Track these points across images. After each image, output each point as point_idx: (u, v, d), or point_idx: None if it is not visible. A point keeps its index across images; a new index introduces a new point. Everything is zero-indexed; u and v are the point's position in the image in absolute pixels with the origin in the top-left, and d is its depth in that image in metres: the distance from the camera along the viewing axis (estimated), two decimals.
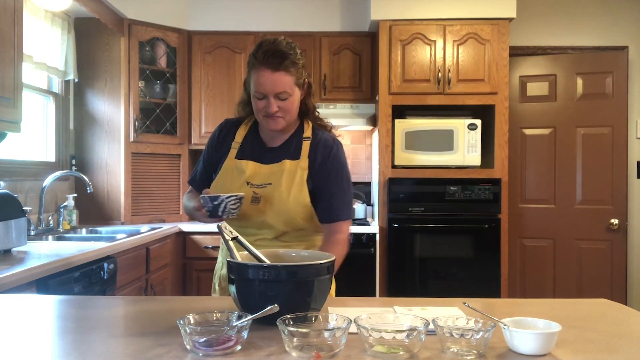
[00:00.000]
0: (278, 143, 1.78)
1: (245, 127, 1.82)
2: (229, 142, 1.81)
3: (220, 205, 1.57)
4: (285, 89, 1.65)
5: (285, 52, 1.65)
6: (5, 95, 2.31)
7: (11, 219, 2.28)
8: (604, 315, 1.32)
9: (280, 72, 1.64)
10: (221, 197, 1.57)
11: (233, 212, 1.59)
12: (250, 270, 1.15)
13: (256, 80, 1.65)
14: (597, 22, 4.25)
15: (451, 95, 3.83)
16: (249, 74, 1.70)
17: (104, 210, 3.84)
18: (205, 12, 4.16)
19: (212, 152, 1.84)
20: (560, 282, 4.17)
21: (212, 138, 1.87)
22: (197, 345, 0.96)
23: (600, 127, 4.10)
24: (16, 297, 1.55)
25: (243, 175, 1.72)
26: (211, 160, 1.84)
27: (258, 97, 1.67)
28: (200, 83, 4.13)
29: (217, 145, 1.84)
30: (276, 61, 1.63)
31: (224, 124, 1.88)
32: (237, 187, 1.71)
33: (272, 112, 1.66)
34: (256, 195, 1.70)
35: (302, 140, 1.77)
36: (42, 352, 1.02)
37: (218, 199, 1.56)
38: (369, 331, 0.96)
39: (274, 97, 1.65)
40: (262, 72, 1.64)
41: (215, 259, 3.72)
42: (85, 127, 3.87)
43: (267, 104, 1.66)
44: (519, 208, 4.23)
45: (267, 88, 1.64)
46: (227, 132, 1.84)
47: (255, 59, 1.66)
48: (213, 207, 1.57)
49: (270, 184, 1.70)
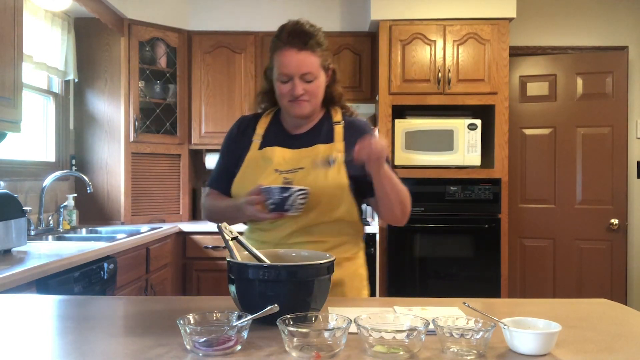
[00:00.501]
0: (304, 130, 1.71)
1: (266, 119, 1.75)
2: (249, 136, 1.73)
3: (290, 197, 1.45)
4: (310, 70, 1.59)
5: (310, 32, 1.60)
6: (5, 95, 2.31)
7: (11, 219, 2.28)
8: (604, 315, 1.32)
9: (305, 51, 1.58)
10: (292, 188, 1.46)
11: (300, 208, 1.48)
12: (250, 270, 1.15)
13: (280, 62, 1.59)
14: (597, 22, 4.25)
15: (451, 95, 3.83)
16: (271, 59, 1.65)
17: (104, 210, 3.84)
18: (205, 12, 4.16)
19: (233, 146, 1.75)
20: (560, 282, 4.17)
21: (231, 133, 1.78)
22: (197, 345, 0.96)
23: (600, 127, 4.10)
24: (16, 297, 1.55)
25: (270, 163, 1.64)
26: (233, 154, 1.73)
27: (282, 80, 1.61)
28: (200, 83, 4.13)
29: (237, 138, 1.75)
30: (301, 40, 1.58)
31: (241, 119, 1.81)
32: (265, 177, 1.61)
33: (297, 94, 1.59)
34: (287, 180, 1.60)
35: (333, 125, 1.70)
36: (42, 352, 1.02)
37: (288, 190, 1.45)
38: (369, 331, 0.96)
39: (299, 79, 1.59)
40: (287, 52, 1.58)
41: (216, 258, 3.75)
42: (85, 127, 3.87)
43: (292, 87, 1.59)
44: (519, 208, 4.23)
45: (292, 68, 1.58)
46: (246, 127, 1.76)
47: (279, 40, 1.61)
48: (281, 199, 1.45)
49: (302, 168, 1.61)
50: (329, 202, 1.60)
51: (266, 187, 1.48)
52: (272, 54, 1.64)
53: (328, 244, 1.62)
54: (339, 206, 1.62)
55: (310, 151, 1.64)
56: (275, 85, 1.64)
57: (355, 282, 1.69)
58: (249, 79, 4.12)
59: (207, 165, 4.28)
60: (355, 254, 1.72)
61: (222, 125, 4.14)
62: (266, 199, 1.47)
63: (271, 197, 1.46)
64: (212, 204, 1.76)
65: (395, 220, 1.65)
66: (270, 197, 1.46)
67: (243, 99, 4.13)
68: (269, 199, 1.46)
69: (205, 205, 1.79)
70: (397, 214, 1.63)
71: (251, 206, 1.52)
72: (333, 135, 1.67)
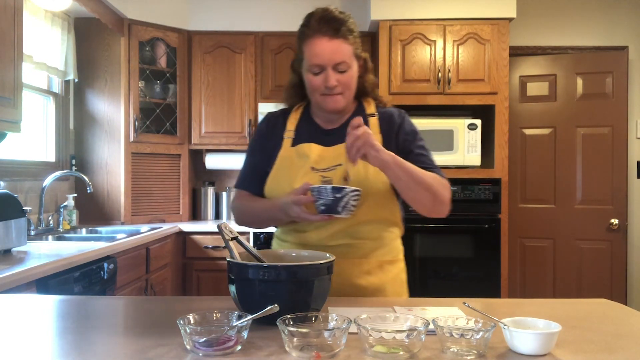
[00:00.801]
0: (337, 124, 1.61)
1: (296, 114, 1.65)
2: (279, 133, 1.62)
3: (343, 198, 1.34)
4: (344, 59, 1.49)
5: (341, 19, 1.50)
6: (5, 95, 2.31)
7: (11, 219, 2.28)
8: (604, 315, 1.32)
9: (338, 39, 1.48)
10: (346, 189, 1.33)
11: (352, 210, 1.37)
12: (250, 270, 1.15)
13: (311, 52, 1.49)
14: (597, 22, 4.25)
15: (451, 95, 3.83)
16: (300, 50, 1.54)
17: (104, 210, 3.84)
18: (205, 12, 4.16)
19: (263, 144, 1.64)
20: (560, 282, 4.17)
21: (260, 131, 1.67)
22: (197, 345, 0.96)
23: (600, 127, 4.10)
24: (16, 297, 1.55)
25: (307, 161, 1.54)
26: (263, 152, 1.63)
27: (314, 72, 1.50)
28: (200, 83, 4.13)
29: (267, 135, 1.64)
30: (332, 28, 1.48)
31: (268, 116, 1.69)
32: (302, 175, 1.52)
33: (331, 85, 1.49)
34: (325, 179, 1.51)
35: (368, 117, 1.60)
36: (42, 352, 1.02)
37: (342, 191, 1.33)
38: (369, 331, 0.95)
39: (332, 70, 1.49)
40: (318, 41, 1.48)
41: (216, 258, 3.75)
42: (85, 127, 3.87)
43: (324, 78, 1.49)
44: (519, 208, 4.23)
45: (325, 58, 1.47)
46: (275, 123, 1.65)
47: (308, 29, 1.50)
48: (334, 200, 1.34)
49: (340, 164, 1.51)
50: (373, 202, 1.52)
51: (317, 187, 1.37)
52: (300, 44, 1.54)
53: (370, 246, 1.56)
54: (383, 205, 1.55)
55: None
56: (306, 78, 1.54)
57: (396, 287, 1.61)
58: (249, 79, 4.12)
59: (207, 165, 4.28)
60: (396, 257, 1.64)
61: (222, 125, 4.14)
62: (315, 199, 1.37)
63: (322, 198, 1.35)
64: (245, 205, 1.64)
65: (428, 210, 1.50)
66: (321, 198, 1.35)
67: (243, 99, 4.13)
68: (319, 199, 1.36)
69: (237, 208, 1.67)
70: (427, 203, 1.48)
71: (297, 207, 1.41)
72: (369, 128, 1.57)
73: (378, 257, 1.58)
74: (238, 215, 1.67)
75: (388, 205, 1.56)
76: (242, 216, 1.65)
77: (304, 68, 1.54)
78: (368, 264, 1.56)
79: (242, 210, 1.65)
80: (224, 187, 4.45)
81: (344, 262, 1.51)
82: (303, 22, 1.53)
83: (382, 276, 1.56)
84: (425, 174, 1.47)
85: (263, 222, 1.62)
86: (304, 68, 1.54)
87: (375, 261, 1.57)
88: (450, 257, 3.81)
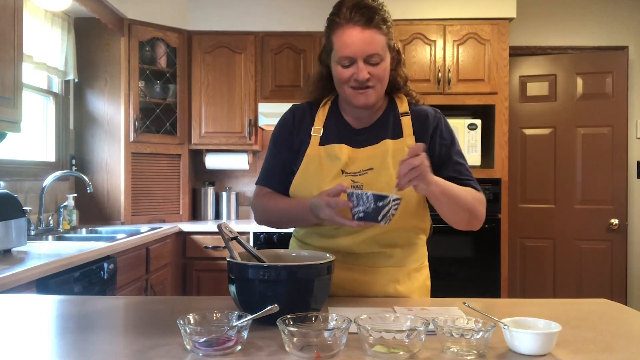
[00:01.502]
0: (368, 123, 1.51)
1: (324, 109, 1.54)
2: (306, 129, 1.52)
3: (385, 207, 1.24)
4: (377, 51, 1.39)
5: (374, 7, 1.40)
6: (5, 95, 2.31)
7: (11, 219, 2.28)
8: (604, 315, 1.32)
9: (371, 29, 1.38)
10: (389, 197, 1.24)
11: (391, 219, 1.27)
12: (250, 270, 1.15)
13: (342, 42, 1.39)
14: (597, 22, 4.25)
15: (451, 95, 3.83)
16: (329, 40, 1.45)
17: (104, 210, 3.84)
18: (205, 12, 4.16)
19: (289, 139, 1.53)
20: (560, 282, 4.17)
21: (285, 124, 1.56)
22: (197, 345, 0.96)
23: (600, 127, 4.10)
24: (16, 297, 1.55)
25: (338, 163, 1.45)
26: (289, 148, 1.53)
27: (344, 64, 1.41)
28: (200, 83, 4.13)
29: (295, 129, 1.53)
30: (365, 16, 1.38)
31: (294, 109, 1.58)
32: (332, 178, 1.44)
33: (362, 78, 1.39)
34: (356, 184, 1.43)
35: (400, 116, 1.51)
36: (42, 352, 1.02)
37: (385, 199, 1.23)
38: (369, 331, 0.95)
39: (364, 62, 1.39)
40: (350, 31, 1.38)
41: (216, 258, 3.75)
42: (85, 127, 3.87)
43: (355, 71, 1.39)
44: (519, 208, 4.23)
45: (356, 49, 1.38)
46: (301, 117, 1.55)
47: (338, 18, 1.40)
48: (375, 208, 1.24)
49: (372, 168, 1.44)
50: (407, 210, 1.44)
51: (356, 192, 1.26)
52: (329, 34, 1.44)
53: (400, 254, 1.52)
54: (415, 214, 1.50)
55: (378, 148, 1.46)
56: (335, 70, 1.44)
57: (422, 295, 1.57)
58: (249, 79, 4.12)
59: (207, 165, 4.28)
60: (423, 264, 1.60)
61: (222, 125, 4.14)
62: (353, 205, 1.27)
63: (361, 205, 1.25)
64: (268, 203, 1.53)
65: (463, 226, 1.48)
66: (360, 205, 1.25)
67: (243, 99, 4.13)
68: (357, 206, 1.26)
69: (258, 206, 1.56)
70: (463, 221, 1.46)
71: (330, 209, 1.30)
72: (401, 129, 1.49)
73: (407, 264, 1.54)
74: (260, 213, 1.57)
75: (420, 212, 1.52)
76: (264, 214, 1.55)
77: (333, 59, 1.44)
78: (398, 273, 1.52)
79: (264, 208, 1.55)
80: (224, 187, 4.45)
81: (374, 270, 1.49)
82: (333, 10, 1.44)
83: (409, 285, 1.53)
84: (465, 195, 1.42)
85: (287, 222, 1.53)
86: (333, 59, 1.44)
87: (405, 269, 1.53)
88: (450, 257, 3.81)
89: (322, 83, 1.55)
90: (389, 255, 1.51)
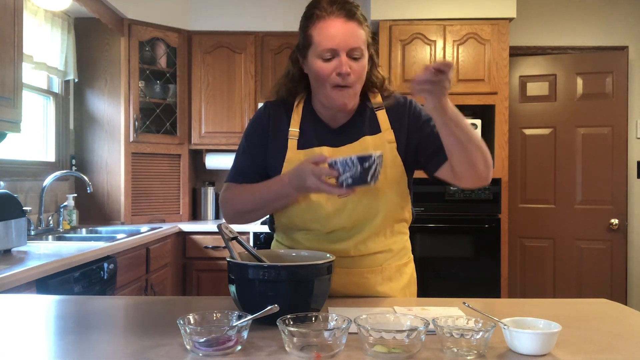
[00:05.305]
0: (344, 120, 1.48)
1: (298, 110, 1.50)
2: (282, 131, 1.48)
3: (372, 166, 1.21)
4: (359, 44, 1.37)
5: (353, 2, 1.40)
6: (5, 95, 2.31)
7: (11, 219, 2.28)
8: (604, 315, 1.32)
9: (353, 22, 1.37)
10: (372, 156, 1.21)
11: (378, 176, 1.24)
12: (250, 270, 1.15)
13: (325, 34, 1.36)
14: (597, 22, 4.25)
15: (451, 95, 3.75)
16: (306, 35, 1.40)
17: (104, 210, 3.84)
18: (205, 12, 4.16)
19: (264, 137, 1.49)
20: (560, 282, 4.17)
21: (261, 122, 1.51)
22: (197, 345, 0.96)
23: (600, 127, 4.10)
24: (16, 297, 1.55)
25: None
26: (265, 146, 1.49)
27: (326, 58, 1.37)
28: (200, 83, 4.13)
29: (270, 130, 1.49)
30: (347, 10, 1.37)
31: (267, 107, 1.53)
32: None
33: (345, 71, 1.35)
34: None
35: (375, 111, 1.48)
36: (42, 352, 1.02)
37: (370, 158, 1.21)
38: (369, 331, 0.96)
39: (346, 56, 1.36)
40: (333, 22, 1.35)
41: (216, 258, 3.75)
42: (85, 127, 3.87)
43: (337, 64, 1.36)
44: (519, 208, 4.23)
45: (340, 40, 1.35)
46: (277, 117, 1.50)
47: (319, 10, 1.38)
48: (362, 171, 1.21)
49: None
50: (396, 203, 1.46)
51: (340, 160, 1.22)
52: (307, 28, 1.40)
53: (395, 250, 1.52)
54: (404, 206, 1.50)
55: (357, 145, 1.44)
56: (314, 66, 1.39)
57: (411, 288, 1.59)
58: (249, 79, 4.12)
59: (207, 165, 4.28)
60: (410, 257, 1.60)
61: (222, 125, 4.14)
62: (340, 173, 1.23)
63: (348, 171, 1.21)
64: (240, 190, 1.47)
65: (480, 176, 1.40)
66: (347, 171, 1.22)
67: (243, 99, 4.13)
68: (344, 172, 1.22)
69: (228, 198, 1.49)
70: (480, 167, 1.38)
71: (316, 177, 1.25)
72: (378, 124, 1.47)
73: (397, 260, 1.54)
74: (231, 204, 1.49)
75: (407, 204, 1.51)
76: (235, 204, 1.47)
77: (312, 55, 1.39)
78: (388, 270, 1.52)
79: (234, 196, 1.47)
80: None
81: (366, 272, 1.49)
82: (309, 5, 1.42)
83: (400, 280, 1.54)
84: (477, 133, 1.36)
85: (262, 207, 1.44)
86: (312, 55, 1.39)
87: (395, 266, 1.53)
88: (450, 257, 3.81)
89: (293, 85, 1.51)
90: (386, 254, 1.51)
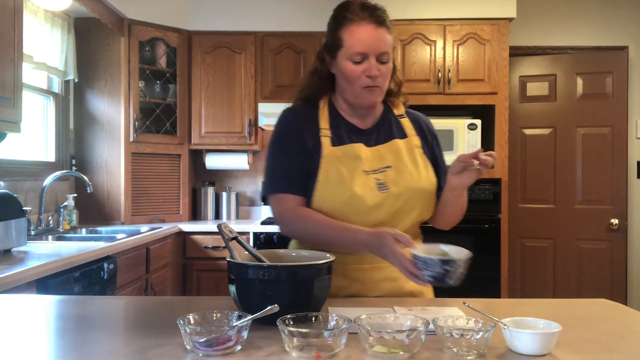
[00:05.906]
0: (371, 124, 1.53)
1: (324, 110, 1.52)
2: (312, 130, 1.49)
3: (457, 271, 1.19)
4: (387, 50, 1.42)
5: (383, 9, 1.44)
6: (5, 95, 2.31)
7: (11, 219, 2.28)
8: (604, 315, 1.32)
9: (383, 28, 1.42)
10: (456, 262, 1.19)
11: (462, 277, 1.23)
12: (250, 270, 1.15)
13: (356, 38, 1.40)
14: (597, 22, 4.25)
15: (451, 95, 3.83)
16: (335, 37, 1.44)
17: (104, 210, 3.84)
18: (205, 12, 4.16)
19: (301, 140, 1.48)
20: (560, 282, 4.17)
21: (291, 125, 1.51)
22: (197, 345, 0.96)
23: (600, 127, 4.11)
24: (16, 297, 1.55)
25: (359, 162, 1.45)
26: (303, 149, 1.47)
27: (356, 61, 1.42)
28: (200, 83, 4.13)
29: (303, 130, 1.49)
30: (377, 16, 1.41)
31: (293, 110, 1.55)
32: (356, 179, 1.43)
33: (375, 74, 1.41)
34: (380, 180, 1.44)
35: (399, 118, 1.57)
36: (42, 352, 1.02)
37: (451, 264, 1.18)
38: (369, 331, 0.95)
39: (375, 59, 1.42)
40: (364, 27, 1.40)
41: (216, 258, 3.75)
42: (85, 127, 3.87)
43: (367, 67, 1.41)
44: (519, 208, 4.23)
45: (370, 45, 1.40)
46: (306, 118, 1.51)
47: (350, 14, 1.42)
48: (444, 272, 1.18)
49: (390, 167, 1.46)
50: (426, 206, 1.49)
51: (422, 257, 1.20)
52: (337, 31, 1.44)
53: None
54: (432, 210, 1.53)
55: (391, 147, 1.49)
56: (344, 67, 1.44)
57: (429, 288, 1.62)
58: (249, 79, 4.12)
59: (207, 165, 4.28)
60: None
61: (222, 125, 4.14)
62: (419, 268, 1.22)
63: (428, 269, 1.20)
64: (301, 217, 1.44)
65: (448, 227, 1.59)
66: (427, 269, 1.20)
67: (243, 99, 4.13)
68: (425, 269, 1.21)
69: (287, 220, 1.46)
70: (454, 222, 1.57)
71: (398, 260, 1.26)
72: (404, 130, 1.54)
73: None
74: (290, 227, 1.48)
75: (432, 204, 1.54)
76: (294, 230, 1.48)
77: (342, 56, 1.44)
78: None
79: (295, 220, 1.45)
80: (224, 187, 4.45)
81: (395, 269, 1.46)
82: (339, 7, 1.46)
83: None
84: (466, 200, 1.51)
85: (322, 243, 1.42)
86: (342, 56, 1.44)
87: None
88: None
89: (322, 81, 1.55)
90: None
